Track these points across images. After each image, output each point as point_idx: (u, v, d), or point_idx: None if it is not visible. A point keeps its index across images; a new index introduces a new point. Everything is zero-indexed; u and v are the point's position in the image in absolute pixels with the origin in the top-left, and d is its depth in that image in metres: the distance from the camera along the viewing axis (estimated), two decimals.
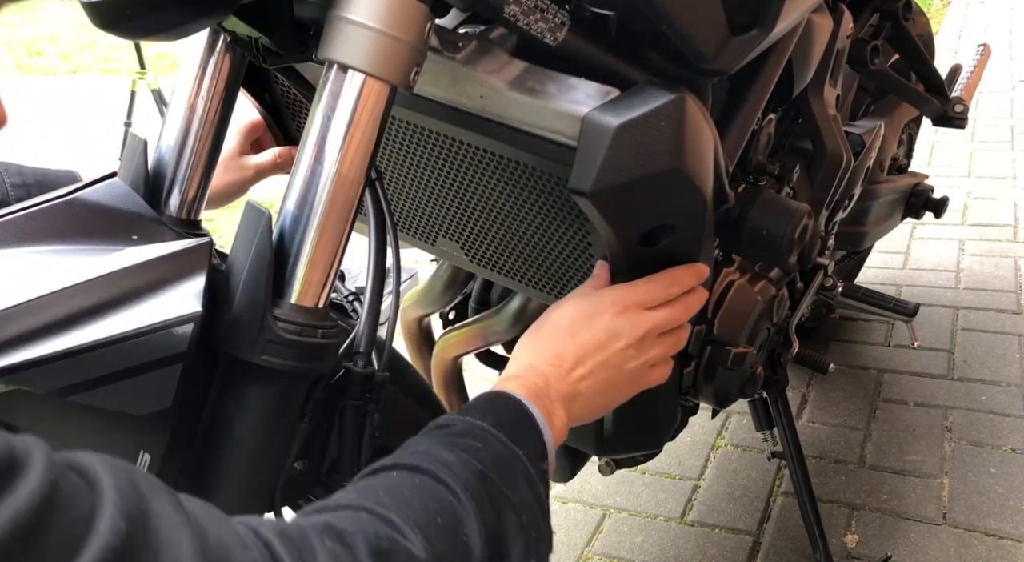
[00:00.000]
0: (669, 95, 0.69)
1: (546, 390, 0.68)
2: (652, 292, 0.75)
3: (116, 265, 0.62)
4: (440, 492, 0.53)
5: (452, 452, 0.57)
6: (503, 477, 0.57)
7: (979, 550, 1.39)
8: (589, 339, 0.72)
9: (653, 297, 0.75)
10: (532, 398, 0.66)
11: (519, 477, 0.59)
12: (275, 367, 0.62)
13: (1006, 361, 1.84)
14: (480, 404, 0.64)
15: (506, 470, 0.58)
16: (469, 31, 0.77)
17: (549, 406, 0.67)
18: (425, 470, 0.54)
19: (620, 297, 0.74)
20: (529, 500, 0.58)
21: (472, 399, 0.66)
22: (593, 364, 0.72)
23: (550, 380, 0.69)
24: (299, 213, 0.63)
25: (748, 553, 1.45)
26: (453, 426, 0.61)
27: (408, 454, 0.57)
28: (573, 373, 0.71)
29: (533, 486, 0.59)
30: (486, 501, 0.54)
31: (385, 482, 0.54)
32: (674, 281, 0.77)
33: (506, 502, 0.56)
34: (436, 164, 0.87)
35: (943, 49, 3.28)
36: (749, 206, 0.89)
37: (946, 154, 2.84)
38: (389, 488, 0.53)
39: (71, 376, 0.58)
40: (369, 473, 0.56)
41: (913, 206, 1.65)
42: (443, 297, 1.23)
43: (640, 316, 0.74)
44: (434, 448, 0.57)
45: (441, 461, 0.55)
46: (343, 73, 0.62)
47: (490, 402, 0.65)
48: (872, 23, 1.27)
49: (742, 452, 1.69)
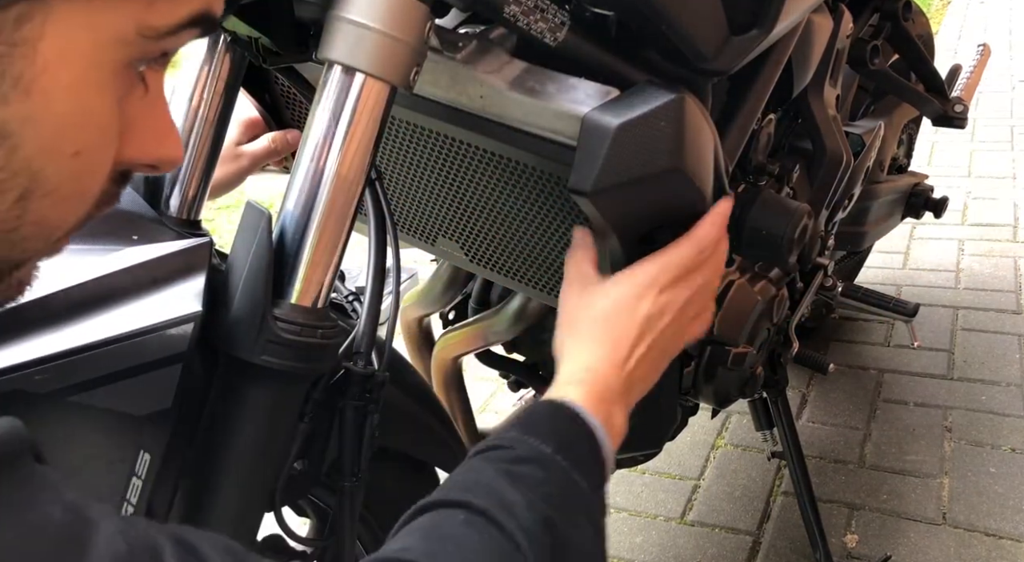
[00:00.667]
0: (669, 95, 0.69)
1: (607, 393, 0.67)
2: (686, 261, 0.73)
3: (116, 265, 0.62)
4: (504, 546, 0.52)
5: (516, 489, 0.55)
6: (566, 517, 0.56)
7: (979, 550, 1.39)
8: (637, 326, 0.70)
9: (689, 266, 0.73)
10: (594, 406, 0.64)
11: (581, 515, 0.58)
12: (275, 367, 0.62)
13: (1006, 361, 1.84)
14: (543, 419, 0.63)
15: (569, 508, 0.57)
16: (469, 31, 0.77)
17: (610, 410, 0.66)
18: (491, 517, 0.53)
19: (657, 276, 0.72)
20: (589, 536, 0.58)
21: (532, 407, 0.65)
22: (644, 348, 0.70)
23: (609, 380, 0.68)
24: (299, 213, 0.63)
25: (748, 553, 1.45)
26: (515, 450, 0.59)
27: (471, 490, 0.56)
28: (627, 365, 0.69)
29: (593, 521, 0.59)
30: (549, 550, 0.53)
31: (452, 530, 0.53)
32: (702, 244, 0.74)
33: (569, 548, 0.55)
34: (436, 164, 0.87)
35: (943, 49, 3.28)
36: (749, 206, 0.89)
37: (946, 154, 2.84)
38: (459, 544, 0.52)
39: (71, 376, 0.58)
40: (430, 507, 0.56)
41: (913, 206, 1.65)
42: (443, 297, 1.23)
43: (680, 288, 0.72)
44: (497, 483, 0.56)
45: (505, 504, 0.54)
46: (343, 73, 0.62)
47: (553, 418, 0.63)
48: (872, 23, 1.27)
49: (742, 452, 1.69)
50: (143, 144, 0.43)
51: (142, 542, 0.36)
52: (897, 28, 1.29)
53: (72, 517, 0.34)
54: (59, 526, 0.34)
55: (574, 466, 0.59)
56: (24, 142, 0.36)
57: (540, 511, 0.55)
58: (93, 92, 0.38)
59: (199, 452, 0.65)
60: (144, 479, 0.62)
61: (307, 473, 0.71)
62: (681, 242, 0.74)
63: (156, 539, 0.37)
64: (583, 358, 0.69)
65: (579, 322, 0.72)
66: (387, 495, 0.90)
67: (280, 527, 0.73)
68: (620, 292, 0.71)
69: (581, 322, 0.72)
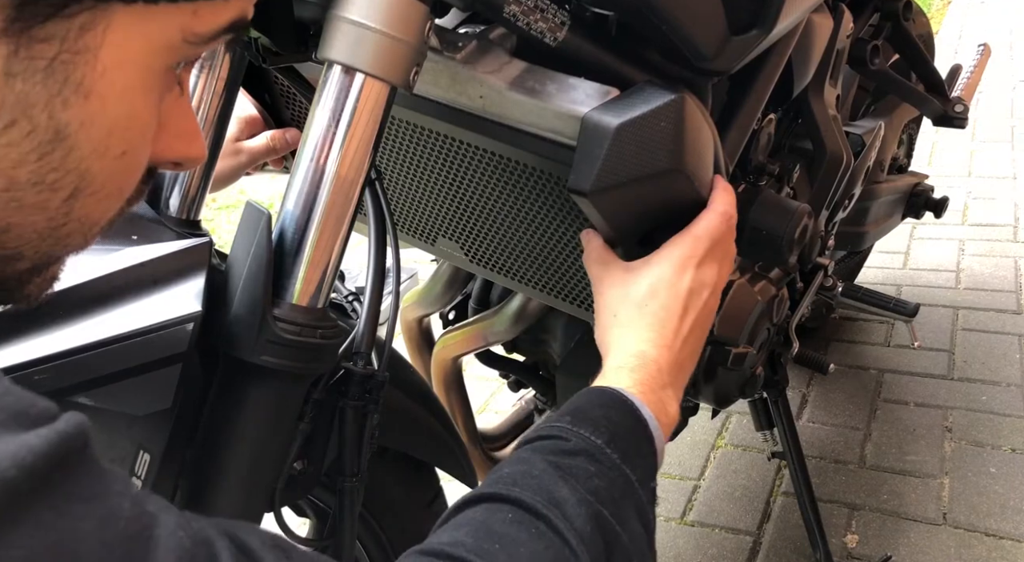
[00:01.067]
0: (669, 95, 0.69)
1: (660, 378, 0.66)
2: (715, 231, 0.72)
3: (116, 265, 0.62)
4: (556, 546, 0.51)
5: (567, 484, 0.55)
6: (616, 512, 0.56)
7: (979, 550, 1.39)
8: (681, 303, 0.69)
9: (717, 236, 0.72)
10: (647, 394, 0.63)
11: (631, 509, 0.57)
12: (275, 367, 0.62)
13: (1006, 361, 1.84)
14: (594, 409, 0.61)
15: (619, 502, 0.56)
16: (469, 31, 0.77)
17: (663, 396, 0.65)
18: (541, 515, 0.52)
19: (694, 249, 0.70)
20: (638, 532, 0.57)
21: (584, 394, 0.63)
22: (689, 328, 0.69)
23: (660, 363, 0.66)
24: (299, 213, 0.63)
25: (748, 553, 1.45)
26: (565, 441, 0.58)
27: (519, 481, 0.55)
28: (676, 344, 0.68)
29: (643, 515, 0.58)
30: (600, 549, 0.53)
31: (502, 527, 0.52)
32: (726, 211, 0.73)
33: (618, 546, 0.55)
34: (436, 164, 0.87)
35: (943, 49, 3.28)
36: (749, 206, 0.89)
37: (946, 154, 2.84)
38: (507, 538, 0.51)
39: (71, 376, 0.58)
40: (478, 500, 0.55)
41: (913, 206, 1.65)
42: (443, 297, 1.23)
43: (714, 259, 0.72)
44: (546, 477, 0.55)
45: (555, 501, 0.53)
46: (343, 73, 0.62)
47: (605, 408, 0.62)
48: (872, 23, 1.27)
49: (742, 452, 1.69)
50: (173, 142, 0.45)
51: (199, 537, 0.37)
52: (897, 28, 1.29)
53: (139, 511, 0.35)
54: (128, 519, 0.34)
55: (624, 459, 0.58)
56: (79, 143, 0.38)
57: (590, 508, 0.54)
58: (141, 95, 0.40)
59: (199, 452, 0.65)
60: (144, 479, 0.63)
61: (307, 473, 0.71)
62: (704, 214, 0.73)
63: (209, 533, 0.38)
64: (631, 344, 0.68)
65: (621, 310, 0.70)
66: (387, 495, 0.91)
67: (280, 527, 0.73)
68: (659, 272, 0.70)
69: (623, 309, 0.70)
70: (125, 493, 0.35)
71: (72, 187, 0.39)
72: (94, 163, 0.39)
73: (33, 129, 0.36)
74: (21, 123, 0.36)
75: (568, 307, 0.92)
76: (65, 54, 0.36)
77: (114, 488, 0.35)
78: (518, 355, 1.27)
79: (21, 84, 0.35)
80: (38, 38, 0.35)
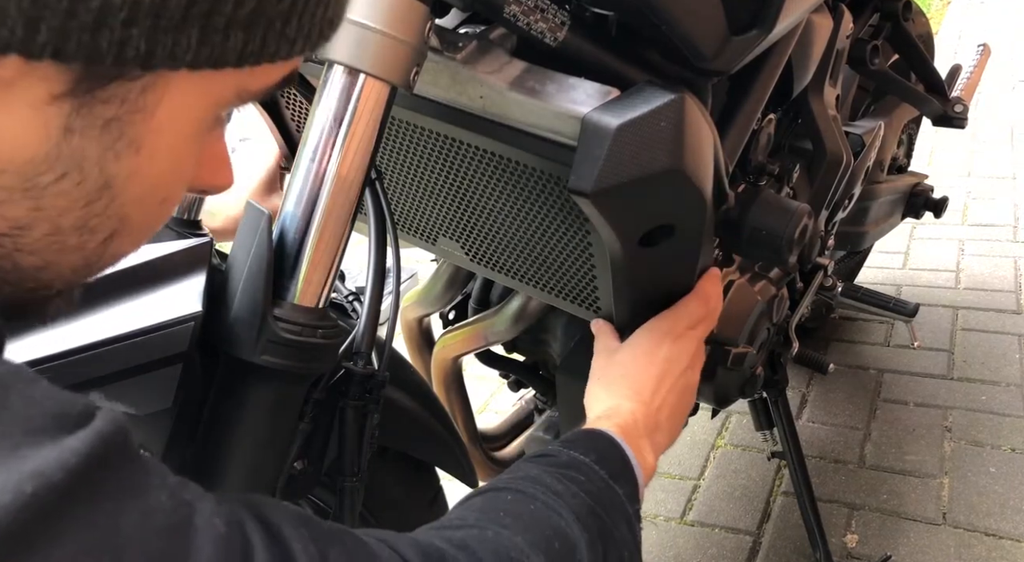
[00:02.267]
0: (669, 95, 0.69)
1: (635, 427, 0.72)
2: (694, 313, 0.82)
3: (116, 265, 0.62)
4: (555, 519, 0.55)
5: (560, 483, 0.59)
6: (607, 513, 0.59)
7: (979, 550, 1.39)
8: (657, 370, 0.77)
9: (697, 317, 0.82)
10: (625, 437, 0.69)
11: (620, 516, 0.61)
12: (275, 367, 0.62)
13: (1006, 361, 1.84)
14: (581, 439, 0.67)
15: (609, 507, 0.60)
16: (469, 31, 0.77)
17: (639, 443, 0.71)
18: (538, 498, 0.57)
19: (671, 326, 0.80)
20: (628, 539, 0.60)
21: (571, 432, 0.69)
22: (665, 392, 0.77)
23: (637, 416, 0.73)
24: (299, 213, 0.63)
25: (748, 553, 1.45)
26: (558, 457, 0.63)
27: (518, 479, 0.59)
28: (652, 404, 0.75)
29: (631, 526, 0.62)
30: (595, 533, 0.57)
31: (504, 505, 0.56)
32: (706, 297, 0.83)
33: (611, 538, 0.58)
34: (436, 164, 0.87)
35: (943, 49, 3.28)
36: (749, 206, 0.89)
37: (946, 154, 2.84)
38: (509, 511, 0.55)
39: (71, 376, 0.58)
40: (482, 492, 0.59)
41: (913, 206, 1.65)
42: (443, 297, 1.23)
43: (689, 337, 0.81)
44: (543, 477, 0.59)
45: (552, 490, 0.58)
46: (343, 73, 0.62)
47: (590, 438, 0.68)
48: (872, 23, 1.27)
49: (742, 452, 1.69)
50: (205, 174, 0.46)
51: (232, 519, 0.38)
52: (897, 28, 1.29)
53: (176, 501, 0.36)
54: (167, 511, 0.35)
55: (612, 477, 0.63)
56: (124, 192, 0.39)
57: (585, 502, 0.58)
58: (187, 146, 0.41)
59: (199, 452, 0.65)
60: None
61: (307, 473, 0.71)
62: (688, 298, 0.83)
63: (240, 515, 0.39)
64: (610, 400, 0.75)
65: (605, 373, 0.80)
66: (387, 495, 0.91)
67: None
68: (639, 342, 0.79)
69: (606, 373, 0.80)
70: (163, 485, 0.36)
71: (111, 230, 0.40)
72: (134, 209, 0.41)
73: (83, 180, 0.37)
74: (73, 174, 0.37)
75: (568, 306, 0.92)
76: (124, 113, 0.37)
77: (153, 481, 0.35)
78: (518, 355, 1.27)
79: (79, 139, 0.36)
80: (100, 98, 0.36)
